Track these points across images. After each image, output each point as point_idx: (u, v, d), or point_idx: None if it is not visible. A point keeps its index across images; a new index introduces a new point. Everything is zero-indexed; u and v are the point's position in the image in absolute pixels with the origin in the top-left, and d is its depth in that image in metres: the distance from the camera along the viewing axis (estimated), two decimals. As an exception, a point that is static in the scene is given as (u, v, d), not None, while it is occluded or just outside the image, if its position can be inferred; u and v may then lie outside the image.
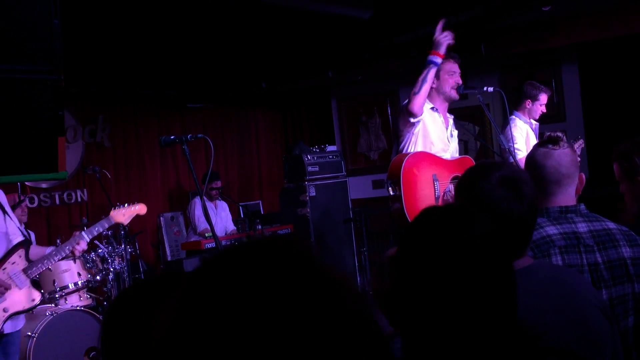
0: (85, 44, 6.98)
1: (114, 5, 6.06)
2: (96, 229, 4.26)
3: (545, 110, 6.01)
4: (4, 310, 3.63)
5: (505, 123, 5.71)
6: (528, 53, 7.86)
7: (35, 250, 4.03)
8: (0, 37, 1.92)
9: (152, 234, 8.36)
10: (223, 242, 6.45)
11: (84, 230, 4.24)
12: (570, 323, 1.59)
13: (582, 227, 2.08)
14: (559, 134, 2.26)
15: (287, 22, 7.35)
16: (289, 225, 7.62)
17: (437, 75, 4.46)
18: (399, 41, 8.03)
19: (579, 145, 5.94)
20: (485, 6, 6.90)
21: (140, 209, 4.68)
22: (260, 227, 6.85)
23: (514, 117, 5.92)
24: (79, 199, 7.77)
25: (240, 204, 8.71)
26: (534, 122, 6.07)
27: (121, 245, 5.74)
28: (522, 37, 7.44)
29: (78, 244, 4.10)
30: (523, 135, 5.82)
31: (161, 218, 8.13)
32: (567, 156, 2.22)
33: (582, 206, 2.15)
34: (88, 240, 4.18)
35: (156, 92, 8.76)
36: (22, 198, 6.01)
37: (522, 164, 5.71)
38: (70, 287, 5.27)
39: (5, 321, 3.61)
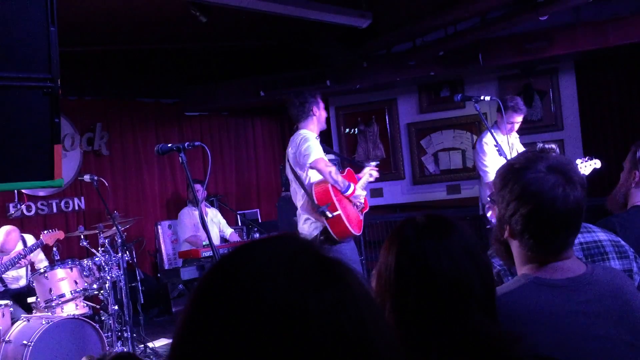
0: (84, 52, 7.00)
1: (114, 14, 6.08)
2: (33, 246, 5.65)
3: (513, 129, 5.69)
4: None
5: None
6: (525, 62, 7.88)
7: None
8: (-3, 45, 1.92)
9: (149, 242, 8.35)
10: (221, 250, 6.44)
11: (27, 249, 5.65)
12: (626, 330, 1.60)
13: None
14: (552, 146, 2.24)
15: (285, 31, 7.38)
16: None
17: (319, 107, 5.01)
18: (396, 50, 8.06)
19: (590, 164, 5.33)
20: (483, 16, 6.93)
21: (59, 234, 5.81)
22: (257, 235, 6.84)
23: (487, 131, 5.60)
24: (76, 207, 7.76)
25: (238, 212, 8.71)
26: (513, 135, 5.80)
27: (118, 254, 5.72)
28: (519, 47, 7.46)
29: (25, 258, 5.51)
30: (492, 153, 5.51)
31: (158, 226, 8.12)
32: None
33: None
34: (29, 253, 5.60)
35: (154, 101, 8.78)
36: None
37: (489, 187, 5.64)
38: (67, 296, 5.25)
39: None
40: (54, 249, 5.67)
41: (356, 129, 9.28)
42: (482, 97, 5.20)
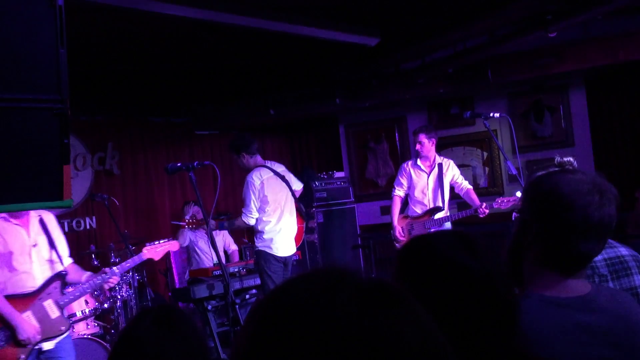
0: (95, 72, 7.06)
1: (123, 34, 6.14)
2: (127, 264, 4.34)
3: (418, 149, 6.34)
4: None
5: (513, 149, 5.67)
6: (535, 79, 7.87)
7: (73, 275, 4.13)
8: (5, 66, 1.94)
9: (160, 261, 8.33)
10: (231, 269, 6.44)
11: (115, 266, 4.26)
12: (626, 353, 1.58)
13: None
14: (570, 159, 2.22)
15: (295, 50, 7.41)
16: (297, 252, 7.58)
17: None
18: (405, 68, 8.08)
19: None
20: (492, 33, 6.94)
21: (172, 245, 4.72)
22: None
23: (412, 159, 6.55)
24: (88, 227, 7.79)
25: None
26: (438, 159, 6.40)
27: (129, 273, 5.73)
28: (529, 63, 7.46)
29: (110, 279, 4.14)
30: (405, 176, 6.48)
31: (169, 245, 8.11)
32: None
33: None
34: (119, 276, 4.21)
35: (165, 120, 8.83)
36: None
37: (393, 204, 6.57)
38: (78, 315, 5.25)
39: (36, 344, 3.78)
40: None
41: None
42: (491, 114, 5.22)
